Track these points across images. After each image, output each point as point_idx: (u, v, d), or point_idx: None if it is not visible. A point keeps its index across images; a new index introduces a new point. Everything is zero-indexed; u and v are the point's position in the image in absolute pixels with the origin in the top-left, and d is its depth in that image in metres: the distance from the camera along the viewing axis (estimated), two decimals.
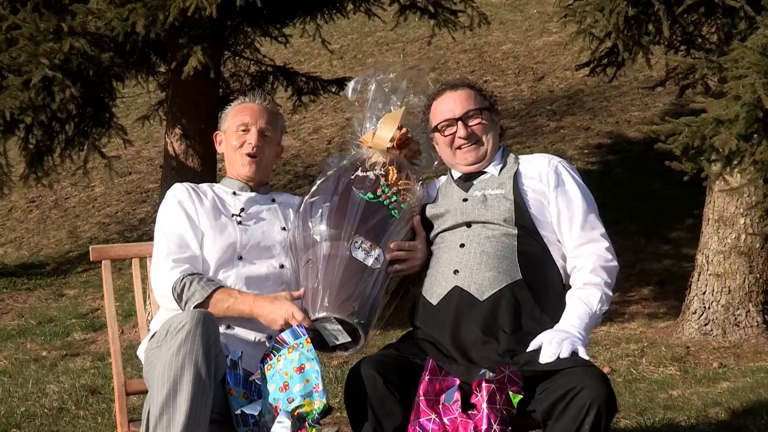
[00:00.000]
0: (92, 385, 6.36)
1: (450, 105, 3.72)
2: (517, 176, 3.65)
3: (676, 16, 5.98)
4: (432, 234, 3.67)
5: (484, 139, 3.71)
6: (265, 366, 3.30)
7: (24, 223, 13.21)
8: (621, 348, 6.86)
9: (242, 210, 3.72)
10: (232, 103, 3.95)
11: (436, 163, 3.85)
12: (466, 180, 3.72)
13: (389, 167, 3.68)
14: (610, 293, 3.52)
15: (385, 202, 3.59)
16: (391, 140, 3.71)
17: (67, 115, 7.08)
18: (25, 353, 7.67)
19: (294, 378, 3.21)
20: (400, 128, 3.74)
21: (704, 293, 6.95)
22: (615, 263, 3.57)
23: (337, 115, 14.29)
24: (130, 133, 9.27)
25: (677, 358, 6.52)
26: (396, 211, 3.59)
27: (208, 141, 7.52)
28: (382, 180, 3.63)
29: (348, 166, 3.72)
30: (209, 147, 7.73)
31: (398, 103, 3.82)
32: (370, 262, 3.49)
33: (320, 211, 3.57)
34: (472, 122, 3.70)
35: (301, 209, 3.66)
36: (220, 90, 8.28)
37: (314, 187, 3.69)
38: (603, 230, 3.61)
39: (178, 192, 3.74)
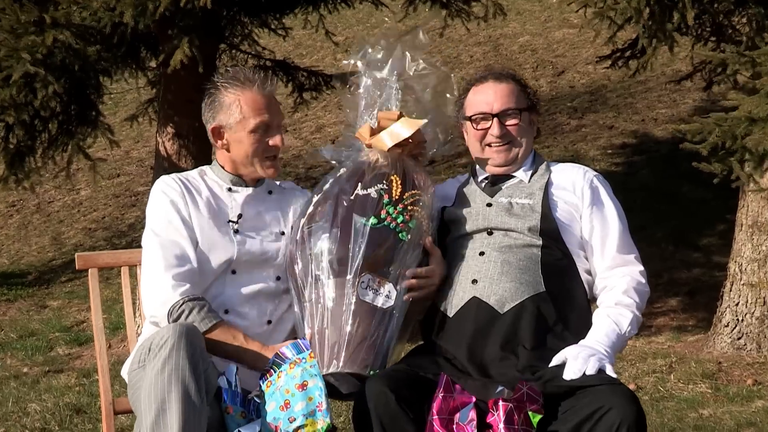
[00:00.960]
0: (77, 404, 6.36)
1: (489, 97, 3.71)
2: (548, 186, 3.65)
3: (705, 5, 5.98)
4: (448, 239, 3.66)
5: (517, 141, 3.70)
6: (265, 383, 3.30)
7: (4, 228, 13.24)
8: (647, 364, 6.85)
9: (240, 216, 3.65)
10: (225, 88, 3.68)
11: (446, 146, 3.79)
12: (494, 184, 3.72)
13: (392, 177, 3.57)
14: (641, 317, 3.55)
15: (391, 225, 3.48)
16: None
17: (51, 114, 7.08)
18: (4, 369, 7.68)
19: (296, 396, 3.20)
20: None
21: (737, 304, 6.94)
22: (647, 289, 3.61)
23: (342, 113, 14.29)
24: (119, 133, 9.30)
25: (708, 375, 6.51)
26: (404, 233, 3.49)
27: (202, 140, 7.55)
28: (386, 197, 3.51)
29: (345, 179, 3.61)
30: (204, 146, 7.75)
31: (394, 86, 3.73)
32: (380, 302, 3.43)
33: (320, 244, 3.47)
34: (509, 122, 3.69)
35: (298, 236, 3.55)
36: None
37: (311, 208, 3.58)
38: (637, 253, 3.65)
39: (169, 190, 3.64)
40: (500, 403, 3.13)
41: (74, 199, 13.62)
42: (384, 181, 3.56)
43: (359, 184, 3.56)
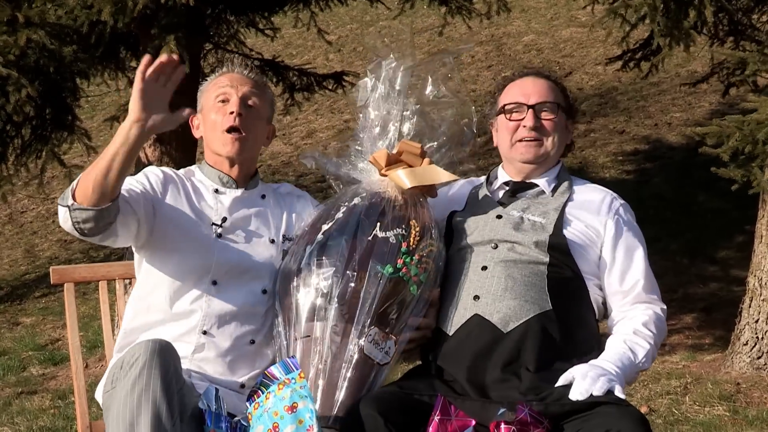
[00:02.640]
0: (52, 428, 6.36)
1: (527, 89, 3.73)
2: (565, 207, 3.65)
3: (723, 2, 6.00)
4: (451, 248, 3.65)
5: (549, 139, 3.71)
6: (252, 405, 3.30)
7: None
8: (661, 384, 6.86)
9: (224, 220, 3.61)
10: (208, 78, 3.80)
11: (470, 148, 3.78)
12: (513, 193, 3.72)
13: (411, 222, 3.54)
14: (656, 354, 3.57)
15: (405, 278, 3.46)
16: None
17: (24, 118, 7.08)
18: None
19: (285, 418, 3.20)
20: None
21: (757, 321, 6.94)
22: (666, 328, 3.65)
23: (334, 116, 14.33)
24: (96, 138, 9.30)
25: (726, 397, 6.51)
26: (415, 287, 3.48)
27: (185, 146, 7.55)
28: (404, 245, 3.49)
29: (363, 213, 3.55)
30: (187, 153, 7.75)
31: (411, 108, 3.70)
32: (379, 357, 3.43)
33: (330, 284, 3.44)
34: (545, 116, 3.70)
35: (303, 262, 3.50)
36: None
37: (320, 236, 3.52)
38: (659, 293, 3.68)
39: (149, 172, 3.63)
40: (502, 426, 3.14)
41: (48, 209, 13.62)
42: (403, 226, 3.53)
43: (378, 224, 3.53)
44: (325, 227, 3.55)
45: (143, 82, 3.24)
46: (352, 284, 3.44)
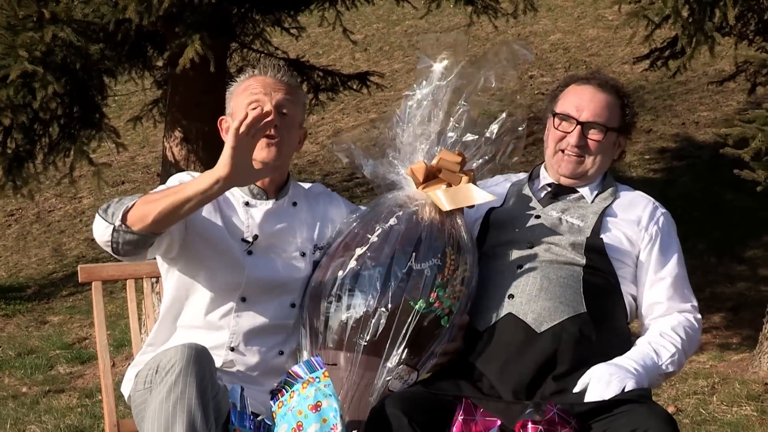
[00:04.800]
0: (79, 426, 6.39)
1: (583, 102, 3.67)
2: (606, 212, 3.62)
3: (749, 2, 5.97)
4: (486, 245, 3.63)
5: (591, 158, 3.67)
6: (276, 403, 3.30)
7: (1, 239, 13.30)
8: (688, 384, 6.84)
9: (256, 237, 3.53)
10: (238, 79, 3.70)
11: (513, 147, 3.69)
12: (555, 195, 3.70)
13: (446, 250, 3.47)
14: (684, 360, 3.56)
15: (437, 312, 3.42)
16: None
17: (51, 116, 7.09)
18: (2, 389, 7.71)
19: (309, 417, 3.20)
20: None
21: None
22: (699, 337, 3.65)
23: (360, 115, 14.33)
24: (124, 137, 9.32)
25: (754, 397, 6.48)
26: (446, 318, 3.43)
27: (212, 145, 7.55)
28: (438, 278, 3.43)
29: (398, 240, 3.47)
30: (214, 152, 7.74)
31: (462, 108, 3.61)
32: (399, 388, 3.42)
33: (361, 315, 3.40)
34: (592, 134, 3.65)
35: (333, 290, 3.45)
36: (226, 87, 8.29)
37: (353, 263, 3.46)
38: (696, 302, 3.70)
39: (183, 175, 3.57)
40: (529, 425, 3.13)
41: (76, 207, 13.67)
42: (439, 255, 3.46)
43: (414, 254, 3.46)
44: (359, 251, 3.49)
45: (237, 139, 3.18)
46: (383, 321, 3.40)
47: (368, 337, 3.39)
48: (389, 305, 3.39)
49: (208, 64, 6.95)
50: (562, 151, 3.67)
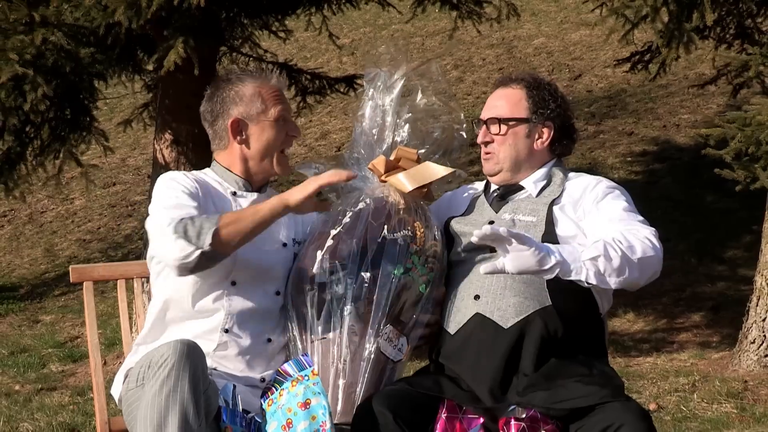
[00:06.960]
0: (71, 424, 6.38)
1: (489, 103, 3.72)
2: (554, 202, 3.59)
3: (729, 6, 5.98)
4: (452, 253, 3.65)
5: (497, 153, 3.66)
6: (266, 401, 3.30)
7: None
8: (669, 382, 6.85)
9: None
10: (242, 80, 3.68)
11: (451, 184, 3.79)
12: (501, 198, 3.70)
13: (415, 224, 3.58)
14: (617, 265, 3.24)
15: (414, 277, 3.51)
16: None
17: (42, 118, 7.08)
18: None
19: (298, 415, 3.20)
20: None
21: (764, 320, 6.93)
22: (655, 253, 3.31)
23: (347, 118, 14.33)
24: (115, 139, 9.33)
25: (733, 394, 6.50)
26: (424, 285, 3.53)
27: (201, 147, 7.55)
28: (411, 246, 3.53)
29: (370, 217, 3.56)
30: (203, 154, 7.75)
31: (405, 116, 3.72)
32: (393, 354, 3.47)
33: (346, 289, 3.48)
34: (493, 130, 3.66)
35: (315, 269, 3.52)
36: None
37: (330, 241, 3.54)
38: (643, 219, 3.47)
39: (180, 178, 3.59)
40: (512, 422, 3.14)
41: (68, 209, 13.65)
42: (408, 228, 3.56)
43: (386, 226, 3.55)
44: (333, 232, 3.56)
45: (328, 184, 3.48)
46: (366, 285, 3.47)
47: (353, 304, 3.45)
48: (369, 270, 3.48)
49: (193, 66, 6.93)
50: (482, 154, 3.71)
